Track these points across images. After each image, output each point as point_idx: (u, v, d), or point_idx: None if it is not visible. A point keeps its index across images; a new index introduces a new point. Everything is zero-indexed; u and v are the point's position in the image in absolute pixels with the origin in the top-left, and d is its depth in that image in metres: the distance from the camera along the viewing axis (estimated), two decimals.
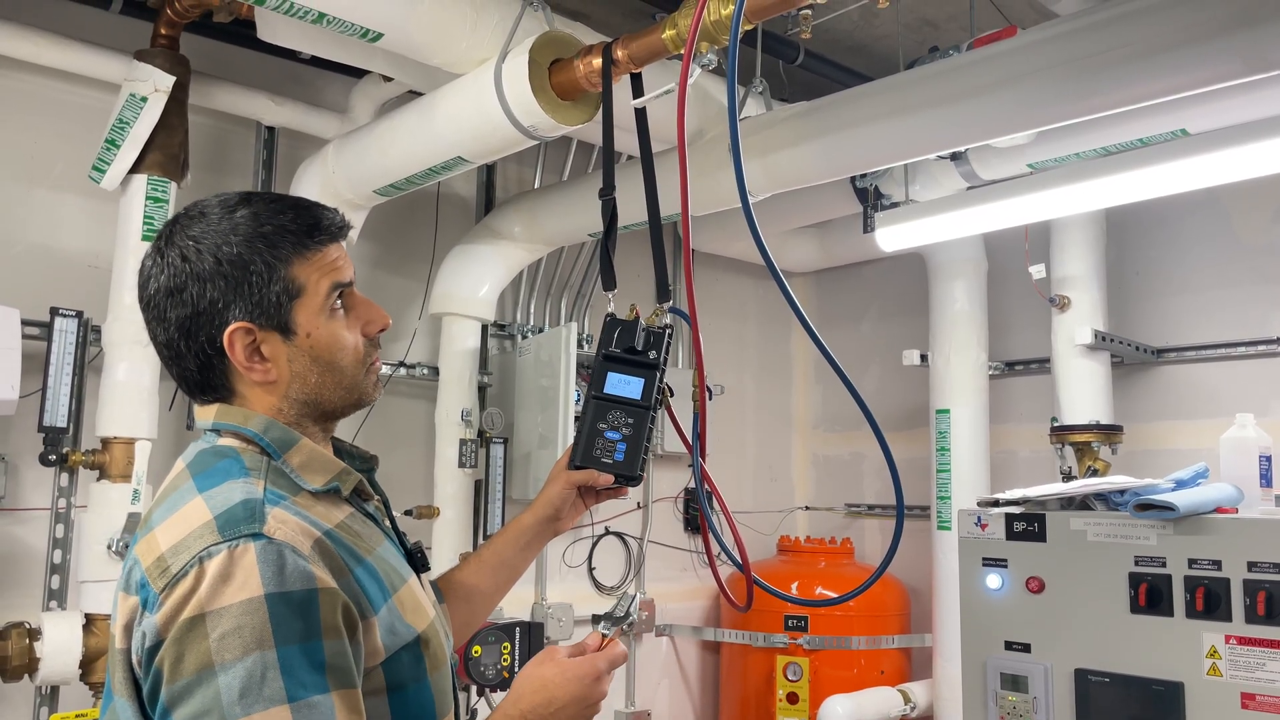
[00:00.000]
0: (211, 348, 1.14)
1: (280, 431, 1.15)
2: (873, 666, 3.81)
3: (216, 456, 1.12)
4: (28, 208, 2.83)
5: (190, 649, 0.93)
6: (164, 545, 1.01)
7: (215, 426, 1.17)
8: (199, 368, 1.15)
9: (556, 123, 2.30)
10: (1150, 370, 3.64)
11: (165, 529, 1.03)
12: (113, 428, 2.54)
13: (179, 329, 1.14)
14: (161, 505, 1.10)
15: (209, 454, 1.14)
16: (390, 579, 1.13)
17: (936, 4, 3.25)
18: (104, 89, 2.76)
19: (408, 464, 3.49)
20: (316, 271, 1.17)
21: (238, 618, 0.94)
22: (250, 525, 1.00)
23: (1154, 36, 1.96)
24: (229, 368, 1.15)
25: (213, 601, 0.95)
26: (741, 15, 1.50)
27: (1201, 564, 2.04)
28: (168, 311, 1.14)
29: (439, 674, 1.15)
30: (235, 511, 1.01)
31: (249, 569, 0.96)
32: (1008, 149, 2.83)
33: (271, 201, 1.20)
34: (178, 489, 1.10)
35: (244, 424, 1.14)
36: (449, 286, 3.39)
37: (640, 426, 1.52)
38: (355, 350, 1.21)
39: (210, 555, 0.97)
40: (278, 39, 2.58)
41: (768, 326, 4.73)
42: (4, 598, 2.67)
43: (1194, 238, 3.59)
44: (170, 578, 0.97)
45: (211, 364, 1.15)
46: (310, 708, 0.94)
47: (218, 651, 0.93)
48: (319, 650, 0.97)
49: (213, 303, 1.13)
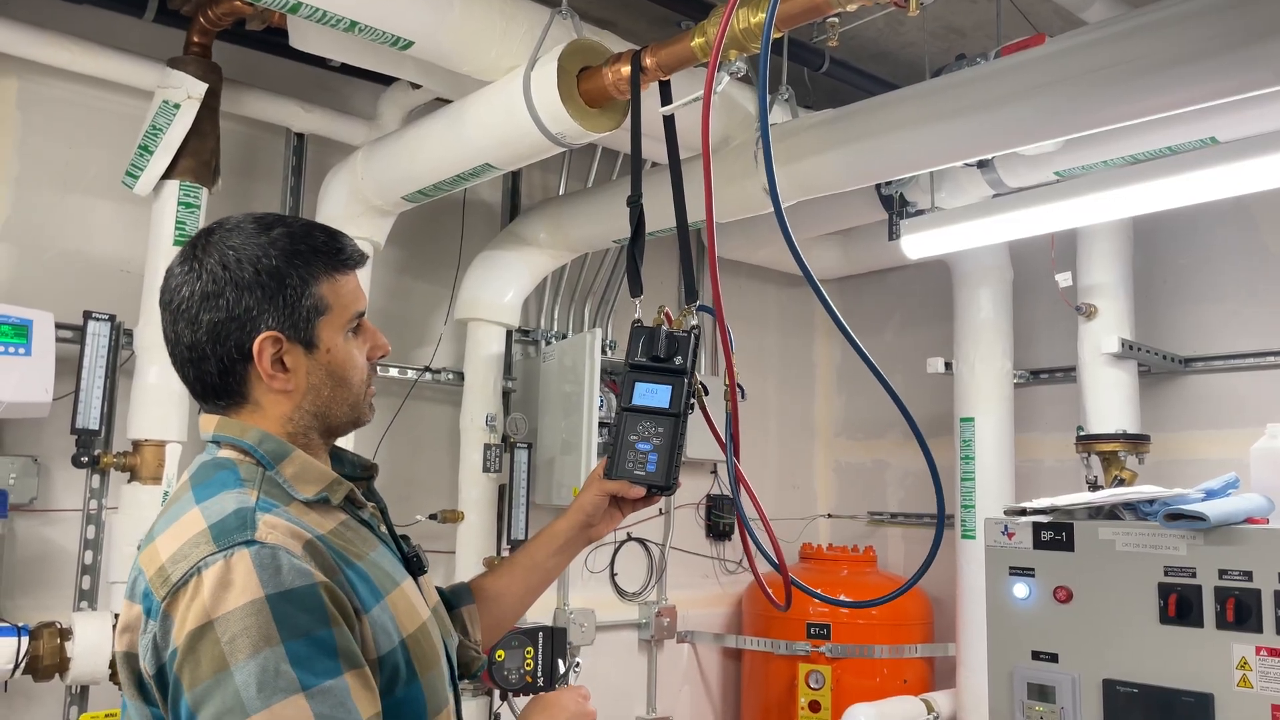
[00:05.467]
0: (238, 353, 1.18)
1: (274, 444, 1.19)
2: (895, 676, 3.79)
3: (215, 468, 1.17)
4: (62, 213, 2.87)
5: (204, 655, 0.98)
6: (164, 555, 1.06)
7: (215, 438, 1.21)
8: (220, 372, 1.19)
9: (584, 130, 2.32)
10: (1178, 379, 3.61)
11: (165, 539, 1.08)
12: (144, 430, 2.57)
13: (209, 332, 1.17)
14: (164, 516, 1.14)
15: (209, 466, 1.18)
16: (382, 582, 1.16)
17: (963, 12, 3.24)
18: (137, 96, 2.80)
19: (432, 468, 3.51)
20: (342, 294, 1.24)
21: (243, 619, 0.99)
22: (242, 533, 1.05)
23: (1183, 45, 1.95)
24: (250, 374, 1.19)
25: (217, 608, 0.99)
26: (773, 23, 1.50)
27: (1232, 575, 2.03)
28: (200, 315, 1.17)
29: (431, 674, 1.19)
30: (228, 521, 1.06)
31: (246, 574, 1.01)
32: (1035, 156, 2.81)
33: (303, 224, 1.27)
34: (179, 500, 1.15)
35: (240, 436, 1.19)
36: (474, 292, 3.41)
37: (670, 435, 1.52)
38: (363, 371, 1.28)
39: (207, 564, 1.02)
40: (309, 46, 2.61)
41: (790, 333, 4.73)
42: (36, 598, 2.71)
43: (1222, 246, 3.57)
44: (171, 587, 1.02)
45: (234, 369, 1.19)
46: (325, 692, 0.99)
47: (230, 653, 0.97)
48: (327, 638, 1.02)
49: (247, 310, 1.17)
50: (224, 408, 1.22)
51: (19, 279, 2.77)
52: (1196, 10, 1.94)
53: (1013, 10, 2.99)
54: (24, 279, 2.78)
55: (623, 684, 3.98)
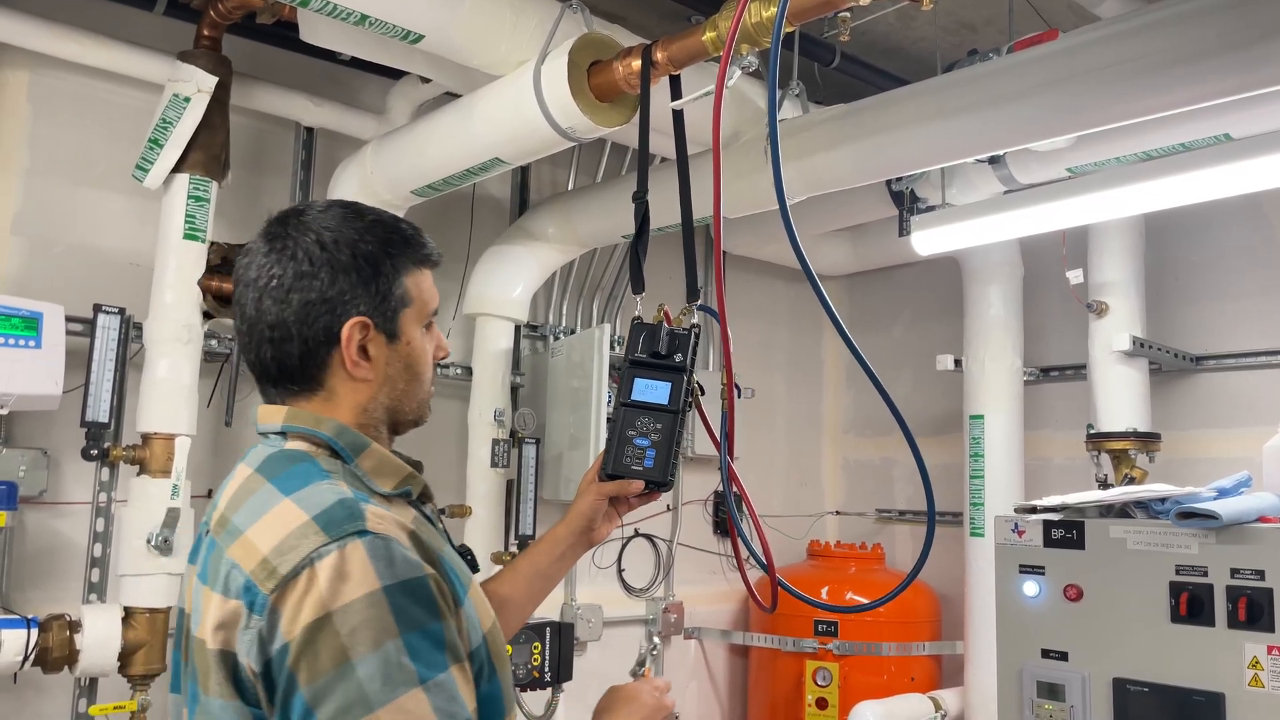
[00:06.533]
0: (325, 335, 1.15)
1: (352, 436, 1.16)
2: (903, 673, 3.78)
3: (289, 460, 1.13)
4: (72, 206, 2.88)
5: (324, 648, 0.96)
6: (264, 548, 1.02)
7: (283, 429, 1.17)
8: (301, 354, 1.15)
9: (594, 124, 2.31)
10: (1189, 378, 3.59)
11: (259, 532, 1.04)
12: (153, 423, 2.57)
13: (298, 312, 1.14)
14: (242, 509, 1.10)
15: (280, 458, 1.14)
16: (463, 577, 1.15)
17: (974, 7, 3.23)
18: (147, 89, 2.80)
19: (441, 463, 3.51)
20: (424, 289, 1.24)
21: (363, 611, 0.97)
22: (354, 523, 1.02)
23: (1197, 41, 1.94)
24: (332, 359, 1.16)
25: (335, 600, 0.97)
26: (784, 17, 1.50)
27: (1244, 574, 2.01)
28: (291, 293, 1.14)
29: (505, 672, 1.18)
30: (335, 512, 1.03)
31: (363, 564, 0.99)
32: (1047, 153, 2.80)
33: (390, 215, 1.27)
34: (254, 492, 1.10)
35: (316, 427, 1.15)
36: (483, 287, 3.41)
37: (669, 431, 1.53)
38: (431, 368, 1.27)
39: (321, 556, 0.99)
40: (319, 40, 2.60)
41: (798, 330, 4.72)
42: (45, 590, 2.71)
43: (1235, 244, 3.55)
44: (280, 580, 0.99)
45: (316, 352, 1.16)
46: (439, 686, 0.98)
47: (351, 646, 0.95)
48: (438, 631, 1.01)
49: (340, 293, 1.15)
50: (294, 394, 1.18)
51: (29, 272, 2.78)
52: (1209, 7, 1.92)
53: (1025, 5, 2.97)
54: (34, 272, 2.78)
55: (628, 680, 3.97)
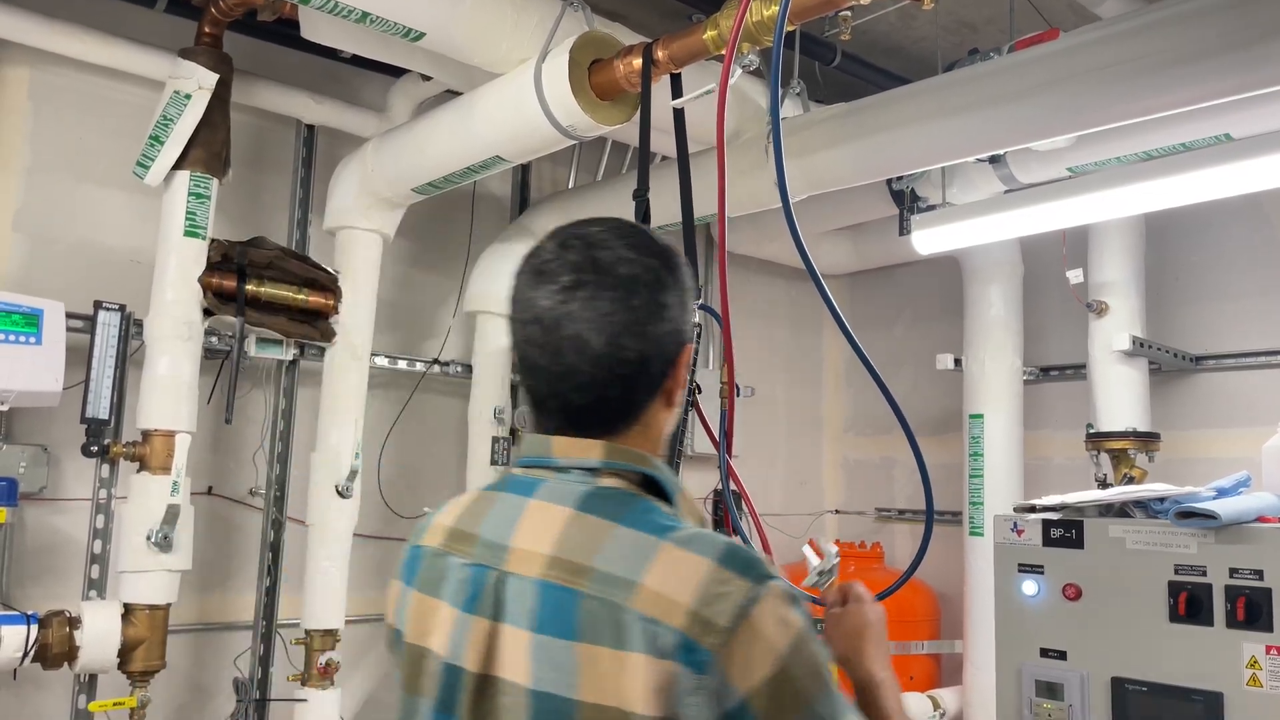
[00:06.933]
0: (669, 365, 1.07)
1: (670, 473, 1.09)
2: (901, 672, 3.78)
3: (628, 500, 1.04)
4: (73, 203, 2.88)
5: (786, 697, 0.93)
6: (684, 600, 0.93)
7: (604, 465, 1.05)
8: (645, 388, 1.07)
9: (595, 123, 2.31)
10: (1189, 378, 3.59)
11: (662, 582, 0.95)
12: (153, 420, 2.57)
13: (657, 344, 1.05)
14: (603, 554, 0.99)
15: (612, 497, 1.04)
16: None
17: (975, 6, 3.23)
18: (148, 86, 2.80)
19: (440, 460, 3.52)
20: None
21: (812, 655, 0.95)
22: (760, 566, 0.97)
23: (1198, 40, 1.94)
24: (660, 389, 1.08)
25: (783, 645, 0.93)
26: (786, 16, 1.50)
27: (1243, 573, 2.01)
28: (649, 326, 1.04)
29: None
30: (738, 553, 0.98)
31: (789, 607, 0.96)
32: (1048, 152, 2.80)
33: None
34: (613, 536, 1.00)
35: (641, 465, 1.06)
36: (483, 285, 3.41)
37: None
38: None
39: (754, 600, 0.94)
40: (321, 38, 2.60)
41: (799, 328, 4.72)
42: (45, 586, 2.72)
43: (1235, 244, 3.55)
44: (720, 632, 0.92)
45: (656, 384, 1.07)
46: (856, 711, 0.98)
47: (807, 690, 0.93)
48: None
49: (682, 319, 1.08)
50: (608, 430, 1.06)
51: (30, 269, 2.78)
52: (1209, 7, 1.92)
53: (1026, 5, 2.97)
54: (35, 269, 2.79)
55: None
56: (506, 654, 0.98)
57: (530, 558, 1.01)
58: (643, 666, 0.93)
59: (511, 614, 0.99)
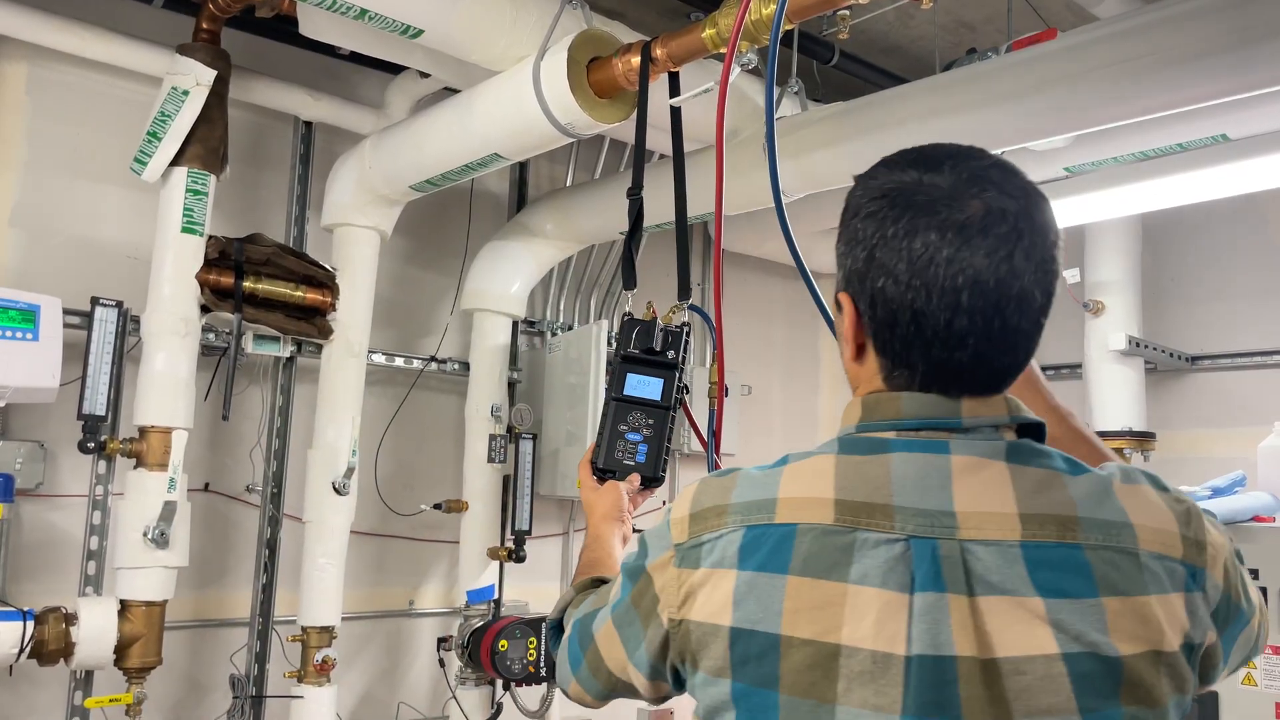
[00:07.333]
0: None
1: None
2: None
3: (1037, 449, 0.98)
4: (70, 198, 2.88)
5: (1235, 584, 0.99)
6: (1172, 528, 0.95)
7: (1011, 420, 0.98)
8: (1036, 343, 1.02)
9: (593, 121, 2.31)
10: (1184, 377, 3.60)
11: (1147, 517, 0.95)
12: (150, 417, 2.57)
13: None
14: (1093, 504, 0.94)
15: (1023, 449, 0.97)
16: None
17: (973, 6, 3.23)
18: (146, 82, 2.80)
19: (437, 458, 3.52)
20: None
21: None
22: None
23: (1196, 41, 1.94)
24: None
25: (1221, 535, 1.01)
26: (783, 15, 1.50)
27: None
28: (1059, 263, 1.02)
29: None
30: (1147, 473, 1.03)
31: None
32: (1045, 152, 2.81)
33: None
34: (1070, 484, 0.95)
35: (1030, 414, 1.00)
36: (481, 283, 3.41)
37: (661, 427, 1.54)
38: None
39: (1194, 509, 1.00)
40: (319, 34, 2.60)
41: (795, 328, 4.72)
42: (41, 583, 2.72)
43: (1231, 245, 3.56)
44: (1202, 547, 0.96)
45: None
46: None
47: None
48: None
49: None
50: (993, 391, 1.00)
51: (27, 264, 2.78)
52: (1208, 7, 1.93)
53: (1024, 4, 2.98)
54: (32, 264, 2.78)
55: None
56: (1008, 629, 0.87)
57: (992, 519, 0.91)
58: (1169, 603, 0.91)
59: (995, 584, 0.89)
